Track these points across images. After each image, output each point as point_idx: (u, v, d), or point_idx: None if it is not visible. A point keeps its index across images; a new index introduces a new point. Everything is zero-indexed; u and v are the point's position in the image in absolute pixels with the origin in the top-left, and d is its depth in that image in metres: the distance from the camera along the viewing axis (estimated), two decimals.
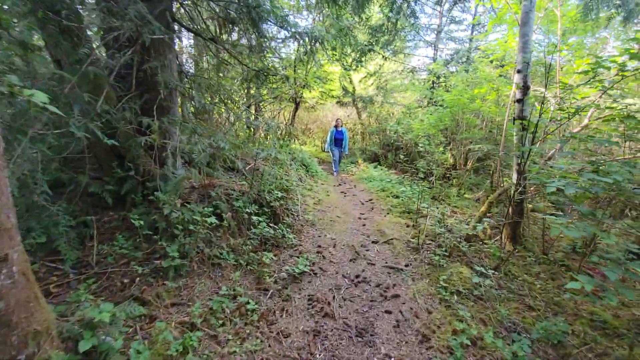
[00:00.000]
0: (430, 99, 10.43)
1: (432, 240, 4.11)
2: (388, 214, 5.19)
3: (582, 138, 2.50)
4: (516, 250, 3.93)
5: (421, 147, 6.38)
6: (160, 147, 3.57)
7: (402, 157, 7.51)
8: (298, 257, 3.54)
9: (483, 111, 5.61)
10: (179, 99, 4.27)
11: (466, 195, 6.35)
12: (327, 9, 7.79)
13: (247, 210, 3.69)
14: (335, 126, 8.94)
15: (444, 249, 3.75)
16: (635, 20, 4.83)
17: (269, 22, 4.69)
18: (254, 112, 8.96)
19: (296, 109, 8.67)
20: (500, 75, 5.89)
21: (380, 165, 9.24)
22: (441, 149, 6.58)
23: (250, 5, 4.22)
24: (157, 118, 3.65)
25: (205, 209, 3.53)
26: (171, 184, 3.58)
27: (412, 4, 12.86)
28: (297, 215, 4.46)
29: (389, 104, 12.92)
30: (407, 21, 12.48)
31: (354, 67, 13.53)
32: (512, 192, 3.84)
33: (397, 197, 5.94)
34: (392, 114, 13.05)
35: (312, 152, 17.07)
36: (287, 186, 4.77)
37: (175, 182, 3.59)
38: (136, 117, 3.57)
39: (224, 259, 3.19)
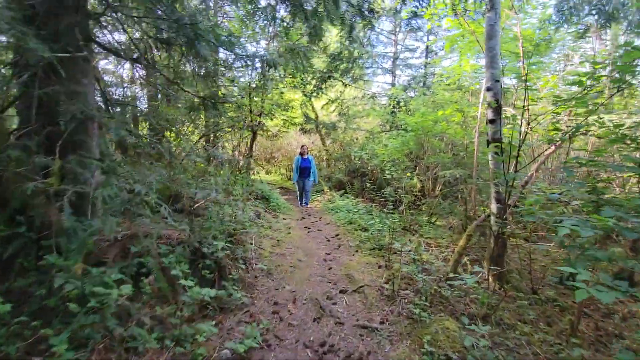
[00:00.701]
0: (392, 123, 10.24)
1: (408, 284, 3.50)
2: (357, 251, 4.55)
3: (589, 163, 2.04)
4: (503, 289, 3.41)
5: (388, 174, 5.93)
6: (77, 194, 2.75)
7: (368, 184, 7.00)
8: (248, 323, 2.77)
9: (449, 134, 5.29)
10: (97, 132, 3.48)
11: (438, 223, 5.90)
12: (284, 40, 7.45)
13: (179, 268, 2.90)
14: (301, 154, 8.02)
15: (423, 297, 3.13)
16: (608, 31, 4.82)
17: (211, 44, 4.09)
18: (210, 143, 8.21)
19: (254, 138, 8.00)
20: (461, 99, 5.66)
21: (347, 193, 8.70)
22: (408, 174, 6.16)
23: (183, 22, 3.60)
24: (62, 156, 2.86)
25: (124, 269, 2.72)
26: (77, 242, 2.74)
27: (368, 32, 13.03)
28: (250, 265, 3.70)
29: (352, 129, 12.67)
30: (364, 49, 12.56)
31: (314, 94, 13.32)
32: (493, 223, 3.35)
33: (366, 230, 5.34)
34: (356, 139, 12.80)
35: (277, 180, 16.39)
36: (236, 229, 4.02)
37: (82, 239, 2.74)
38: (29, 155, 2.77)
39: (143, 341, 2.35)
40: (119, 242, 3.14)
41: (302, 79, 11.58)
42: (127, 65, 5.89)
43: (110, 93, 4.55)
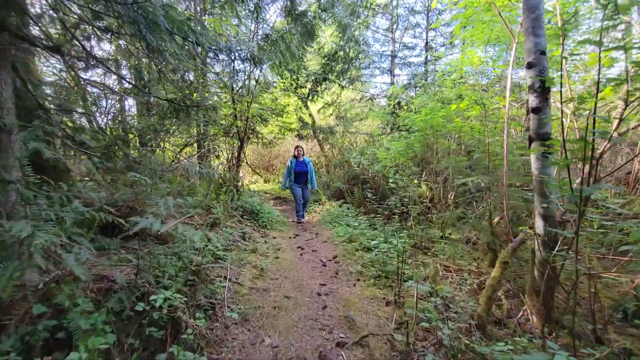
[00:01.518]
0: (394, 124, 9.40)
1: (427, 332, 2.60)
2: (358, 280, 3.66)
3: None
4: (554, 334, 2.51)
5: (392, 182, 5.07)
6: None
7: (369, 194, 6.11)
8: None
9: (464, 132, 4.41)
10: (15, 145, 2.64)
11: (452, 236, 5.00)
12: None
13: (105, 335, 2.03)
14: (295, 156, 6.86)
15: (449, 354, 2.24)
16: None
17: (165, 31, 3.26)
18: (197, 154, 7.37)
19: (241, 146, 7.14)
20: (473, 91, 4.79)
21: (347, 202, 7.81)
22: (415, 181, 5.28)
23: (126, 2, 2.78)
24: None
25: (30, 336, 1.88)
26: None
27: (363, 30, 12.24)
28: (219, 311, 2.82)
29: (351, 133, 11.83)
30: (360, 48, 11.76)
31: (310, 98, 12.51)
32: (539, 247, 2.47)
33: (369, 250, 4.45)
34: (356, 143, 11.94)
35: (275, 189, 15.51)
36: (200, 265, 3.15)
37: None
38: None
39: None
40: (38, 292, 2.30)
41: (295, 81, 10.77)
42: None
43: (53, 97, 3.73)
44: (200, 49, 3.93)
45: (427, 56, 11.56)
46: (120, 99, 4.37)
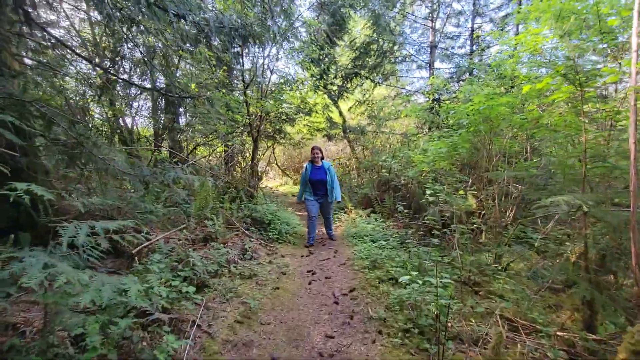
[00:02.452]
0: (432, 122, 8.09)
1: None
2: (380, 333, 2.58)
3: None
4: None
5: (430, 194, 3.91)
6: None
7: (401, 207, 4.95)
8: None
9: (536, 128, 3.11)
10: None
11: (512, 265, 3.74)
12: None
13: None
14: (312, 161, 5.38)
15: None
16: None
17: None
18: (207, 155, 6.64)
19: (255, 147, 6.25)
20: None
21: (375, 212, 6.67)
22: (461, 192, 4.07)
23: None
24: None
25: None
26: None
27: (399, 19, 10.98)
28: None
29: (383, 133, 10.62)
30: (395, 39, 10.52)
31: (339, 95, 11.47)
32: None
33: (397, 282, 3.34)
34: (389, 144, 10.71)
35: None
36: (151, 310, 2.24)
37: None
38: None
39: None
40: None
41: (323, 77, 9.77)
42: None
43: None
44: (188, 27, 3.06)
45: (473, 46, 10.07)
46: (103, 89, 3.66)
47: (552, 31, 4.06)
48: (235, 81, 5.72)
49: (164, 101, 4.47)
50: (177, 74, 3.87)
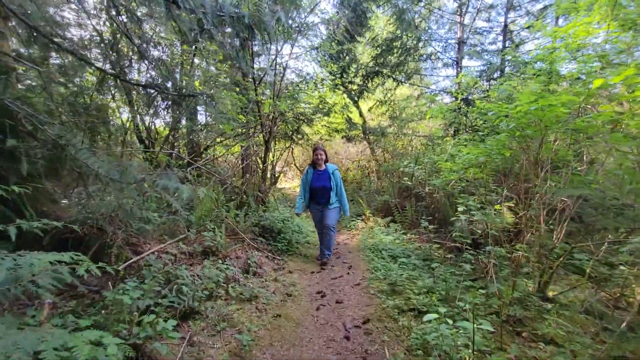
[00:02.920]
0: (459, 125, 7.39)
1: None
2: None
3: None
4: None
5: (463, 211, 3.34)
6: None
7: (425, 221, 4.35)
8: None
9: (600, 134, 2.48)
10: None
11: (561, 298, 3.11)
12: None
13: None
14: (313, 164, 4.54)
15: None
16: None
17: None
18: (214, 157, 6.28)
19: (267, 150, 5.81)
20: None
21: (395, 221, 6.11)
22: (497, 207, 3.46)
23: None
24: None
25: None
26: None
27: (425, 14, 10.29)
28: None
29: (405, 135, 9.96)
30: (419, 35, 9.84)
31: (359, 94, 10.92)
32: None
33: (421, 313, 2.80)
34: (411, 147, 10.04)
35: None
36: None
37: None
38: None
39: None
40: None
41: (341, 75, 9.25)
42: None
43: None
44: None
45: (505, 42, 9.24)
46: (99, 84, 3.34)
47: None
48: (247, 79, 5.30)
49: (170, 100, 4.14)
50: (177, 71, 3.52)
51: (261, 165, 5.81)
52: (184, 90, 3.44)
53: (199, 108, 8.18)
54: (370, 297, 3.34)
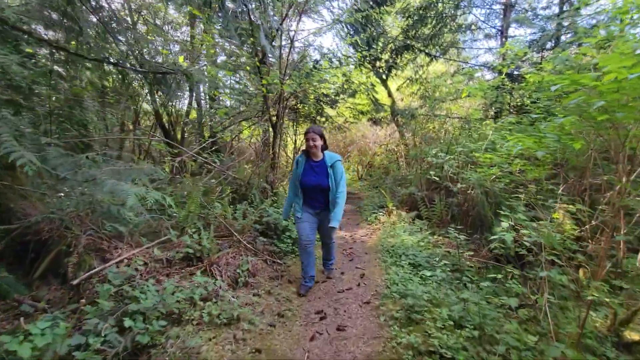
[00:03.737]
0: (501, 104, 6.21)
1: None
2: None
3: None
4: None
5: (504, 215, 2.49)
6: None
7: (454, 232, 3.47)
8: None
9: None
10: None
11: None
12: None
13: None
14: (306, 151, 3.15)
15: None
16: None
17: None
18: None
19: (275, 137, 5.08)
20: None
21: (421, 217, 5.28)
22: (556, 215, 2.56)
23: None
24: None
25: None
26: None
27: None
28: None
29: (438, 117, 8.82)
30: (457, 1, 8.46)
31: (387, 72, 9.82)
32: None
33: (444, 358, 2.06)
34: (444, 131, 8.89)
35: (347, 179, 13.45)
36: None
37: None
38: None
39: None
40: None
41: (368, 46, 8.19)
42: None
43: None
44: None
45: (563, 4, 7.67)
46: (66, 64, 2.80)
47: None
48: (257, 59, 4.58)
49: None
50: (152, 46, 2.89)
51: (269, 156, 5.14)
52: (163, 67, 2.81)
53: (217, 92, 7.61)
54: (380, 325, 2.63)
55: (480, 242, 3.77)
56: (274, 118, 4.85)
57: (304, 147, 3.14)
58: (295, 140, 11.97)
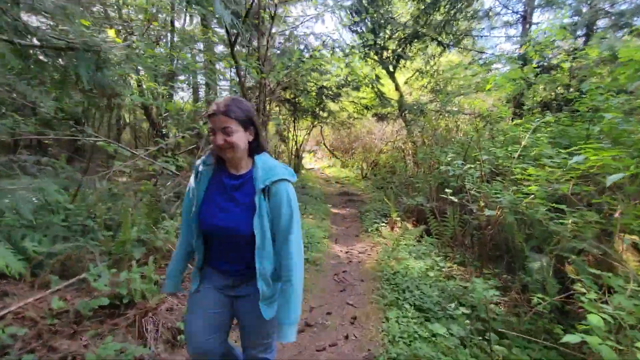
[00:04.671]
0: (531, 97, 5.15)
1: None
2: None
3: None
4: None
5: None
6: None
7: (477, 262, 2.55)
8: None
9: None
10: None
11: None
12: None
13: None
14: (214, 156, 1.35)
15: None
16: None
17: None
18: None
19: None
20: None
21: (430, 233, 4.37)
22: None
23: None
24: None
25: None
26: None
27: None
28: None
29: (451, 113, 7.80)
30: None
31: (396, 62, 8.79)
32: None
33: None
34: (456, 128, 7.86)
35: (350, 178, 12.58)
36: None
37: None
38: None
39: None
40: None
41: (373, 31, 7.20)
42: None
43: None
44: None
45: None
46: None
47: None
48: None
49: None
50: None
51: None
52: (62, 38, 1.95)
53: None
54: None
55: (507, 274, 2.84)
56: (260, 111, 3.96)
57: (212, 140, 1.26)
58: (295, 138, 11.10)
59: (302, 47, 6.07)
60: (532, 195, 2.37)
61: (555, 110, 4.17)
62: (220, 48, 6.98)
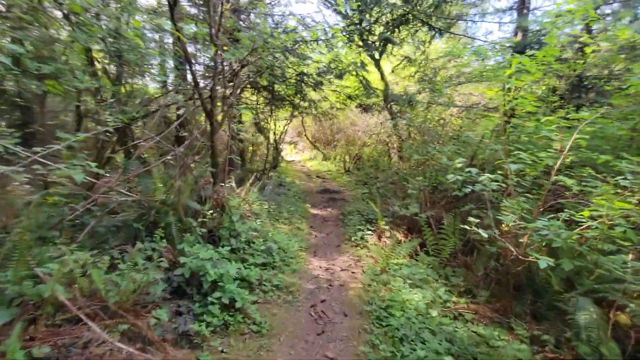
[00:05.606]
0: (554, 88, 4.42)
1: None
2: None
3: None
4: None
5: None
6: None
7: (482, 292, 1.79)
8: None
9: None
10: None
11: None
12: None
13: None
14: None
15: None
16: None
17: None
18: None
19: (212, 133, 3.18)
20: None
21: (427, 250, 3.63)
22: None
23: None
24: None
25: None
26: None
27: None
28: None
29: (441, 105, 7.04)
30: None
31: (382, 49, 7.90)
32: None
33: None
34: (444, 120, 7.14)
35: (332, 172, 11.76)
36: None
37: None
38: None
39: None
40: None
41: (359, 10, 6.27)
42: None
43: None
44: None
45: None
46: None
47: None
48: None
49: None
50: None
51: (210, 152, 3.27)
52: None
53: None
54: None
55: (534, 317, 2.11)
56: (208, 100, 2.96)
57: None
58: (274, 129, 10.06)
59: (272, 22, 5.08)
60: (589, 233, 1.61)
61: (571, 104, 3.46)
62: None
